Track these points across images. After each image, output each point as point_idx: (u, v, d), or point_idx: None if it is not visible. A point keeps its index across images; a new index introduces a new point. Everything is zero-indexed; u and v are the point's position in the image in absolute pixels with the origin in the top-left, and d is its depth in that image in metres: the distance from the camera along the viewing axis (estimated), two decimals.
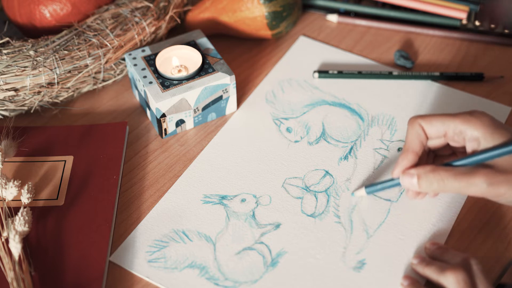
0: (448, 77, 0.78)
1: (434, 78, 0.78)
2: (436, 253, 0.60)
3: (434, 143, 0.62)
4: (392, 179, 0.63)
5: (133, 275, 0.60)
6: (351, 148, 0.70)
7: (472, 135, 0.58)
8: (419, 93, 0.76)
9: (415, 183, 0.59)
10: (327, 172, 0.68)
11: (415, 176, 0.59)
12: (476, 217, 0.64)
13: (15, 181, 0.63)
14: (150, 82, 0.70)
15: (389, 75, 0.78)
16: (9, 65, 0.69)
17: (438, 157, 0.65)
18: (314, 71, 0.78)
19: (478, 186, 0.56)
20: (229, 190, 0.67)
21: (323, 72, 0.78)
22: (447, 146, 0.63)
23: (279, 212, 0.65)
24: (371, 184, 0.65)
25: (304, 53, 0.82)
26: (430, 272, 0.57)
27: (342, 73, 0.78)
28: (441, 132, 0.60)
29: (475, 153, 0.58)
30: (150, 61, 0.72)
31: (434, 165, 0.59)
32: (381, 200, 0.65)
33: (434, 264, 0.58)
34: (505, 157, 0.56)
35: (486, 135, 0.57)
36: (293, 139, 0.72)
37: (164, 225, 0.64)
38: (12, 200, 0.64)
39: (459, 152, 0.63)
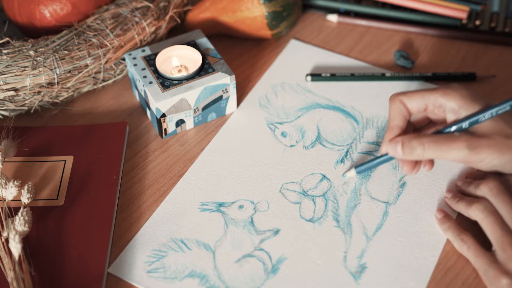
0: (440, 77, 0.78)
1: (426, 79, 0.78)
2: (462, 188, 0.64)
3: (415, 118, 0.66)
4: (380, 156, 0.65)
5: (133, 286, 0.59)
6: (347, 151, 0.70)
7: (451, 107, 0.61)
8: None
9: (400, 150, 0.61)
10: (324, 176, 0.68)
11: (399, 143, 0.61)
12: None
13: (15, 181, 0.63)
14: (150, 82, 0.70)
15: (381, 77, 0.78)
16: (9, 65, 0.69)
17: None
18: (307, 74, 0.78)
19: (458, 151, 0.59)
20: (226, 197, 0.66)
21: (315, 75, 0.78)
22: (430, 122, 0.67)
23: (277, 218, 0.64)
24: (360, 164, 0.67)
25: (296, 57, 0.81)
26: (460, 207, 0.62)
27: (335, 75, 0.78)
28: (421, 107, 0.63)
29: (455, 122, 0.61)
30: (150, 61, 0.72)
31: (417, 133, 0.62)
32: (379, 203, 0.65)
33: (463, 200, 0.62)
34: (484, 123, 0.60)
35: (465, 105, 0.61)
36: (288, 143, 0.71)
37: (162, 235, 0.63)
38: (12, 200, 0.64)
39: (440, 126, 0.66)
